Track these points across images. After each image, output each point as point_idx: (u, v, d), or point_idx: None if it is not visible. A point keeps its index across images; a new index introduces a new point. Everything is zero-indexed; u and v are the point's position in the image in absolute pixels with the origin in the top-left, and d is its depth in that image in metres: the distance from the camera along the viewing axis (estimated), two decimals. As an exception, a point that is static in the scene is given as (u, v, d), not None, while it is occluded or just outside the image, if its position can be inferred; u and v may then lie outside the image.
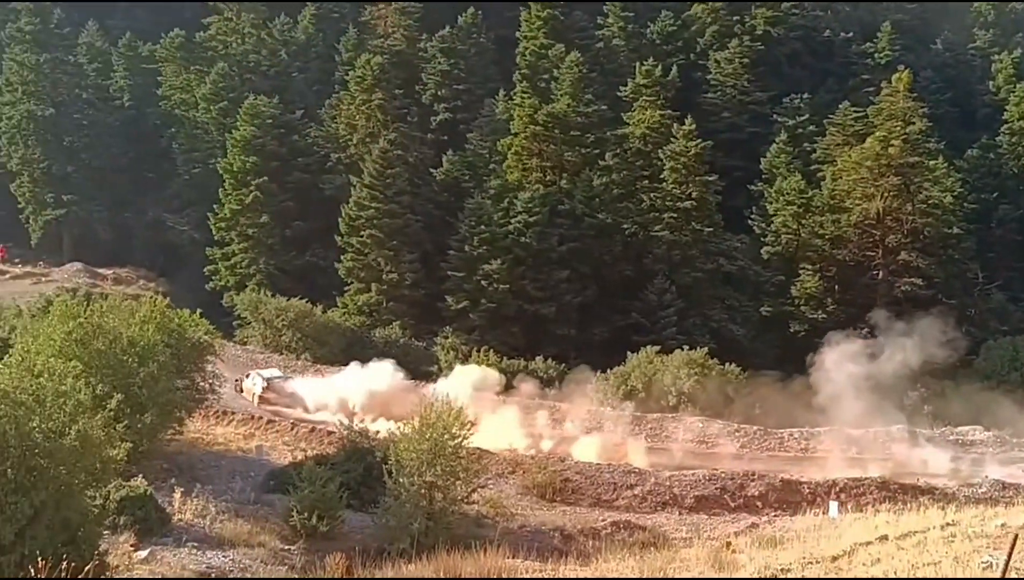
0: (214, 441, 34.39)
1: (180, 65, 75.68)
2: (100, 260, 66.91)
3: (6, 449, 12.13)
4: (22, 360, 17.75)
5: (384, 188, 58.00)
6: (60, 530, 12.42)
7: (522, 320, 53.88)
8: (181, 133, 72.46)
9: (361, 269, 57.62)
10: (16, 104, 70.99)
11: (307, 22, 79.45)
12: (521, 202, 56.36)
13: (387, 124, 64.26)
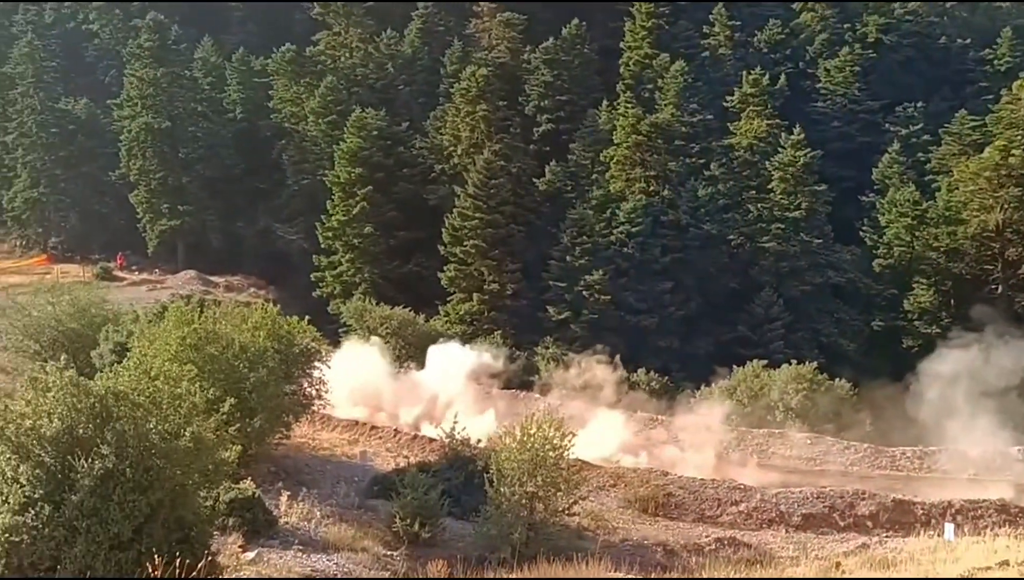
0: (319, 446, 34.90)
1: (290, 79, 77.38)
2: (212, 268, 68.84)
3: (125, 449, 12.48)
4: (140, 363, 18.33)
5: (487, 198, 58.36)
6: (174, 529, 12.72)
7: (623, 331, 53.49)
8: (291, 145, 74.08)
9: (463, 278, 58.04)
10: (135, 117, 73.55)
11: (413, 36, 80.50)
12: (624, 212, 56.08)
13: (491, 135, 64.68)
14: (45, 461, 12.60)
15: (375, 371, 42.48)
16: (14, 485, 12.48)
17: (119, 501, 12.33)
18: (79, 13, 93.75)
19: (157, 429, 13.24)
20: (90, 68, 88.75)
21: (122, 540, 12.26)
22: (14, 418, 12.97)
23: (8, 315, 39.19)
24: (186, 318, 28.62)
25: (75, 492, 12.29)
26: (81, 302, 38.34)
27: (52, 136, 76.21)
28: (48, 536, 12.14)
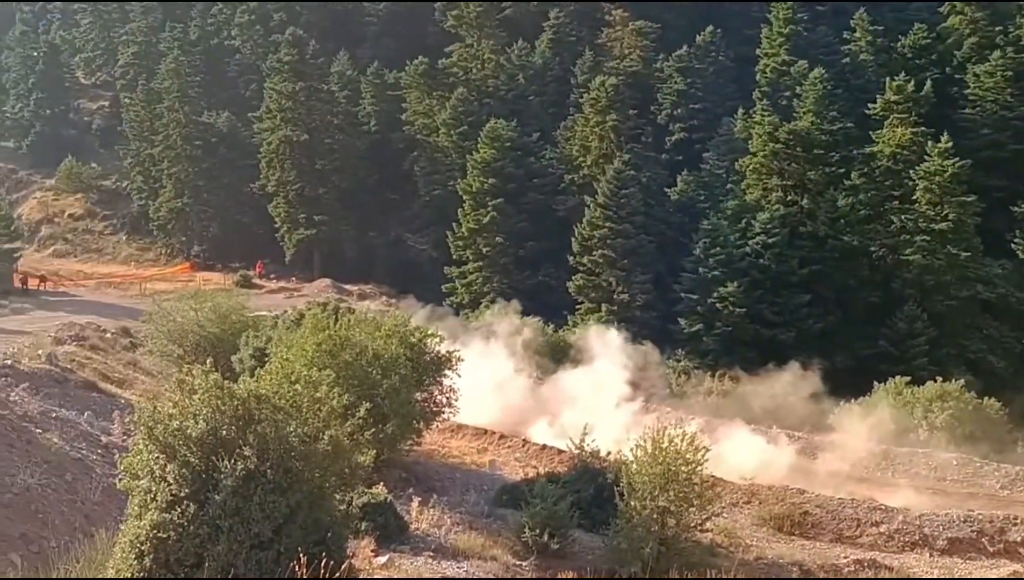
0: (449, 454, 35.05)
1: (423, 91, 78.58)
2: (346, 276, 70.31)
3: (266, 451, 12.62)
4: (281, 367, 18.68)
5: (617, 208, 57.99)
6: (312, 530, 12.79)
7: (758, 345, 52.27)
8: (422, 156, 75.18)
9: (592, 289, 57.78)
10: (275, 130, 75.79)
11: (544, 46, 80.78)
12: (760, 223, 54.88)
13: (621, 145, 64.31)
14: (191, 461, 12.84)
15: (507, 379, 42.56)
16: (161, 483, 12.76)
17: (260, 501, 12.47)
18: (222, 30, 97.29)
19: (297, 432, 13.36)
20: (232, 83, 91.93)
21: (262, 540, 12.39)
22: (162, 419, 13.25)
23: (154, 320, 40.64)
24: (321, 325, 29.14)
25: (218, 492, 12.48)
26: (222, 309, 39.49)
27: (195, 148, 79.25)
28: (193, 534, 12.36)
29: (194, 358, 30.76)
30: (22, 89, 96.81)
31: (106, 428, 26.50)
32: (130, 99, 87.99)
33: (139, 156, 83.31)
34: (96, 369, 35.51)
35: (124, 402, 30.62)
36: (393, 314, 33.67)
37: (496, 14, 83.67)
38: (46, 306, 60.19)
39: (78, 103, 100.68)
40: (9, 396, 25.64)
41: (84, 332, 42.55)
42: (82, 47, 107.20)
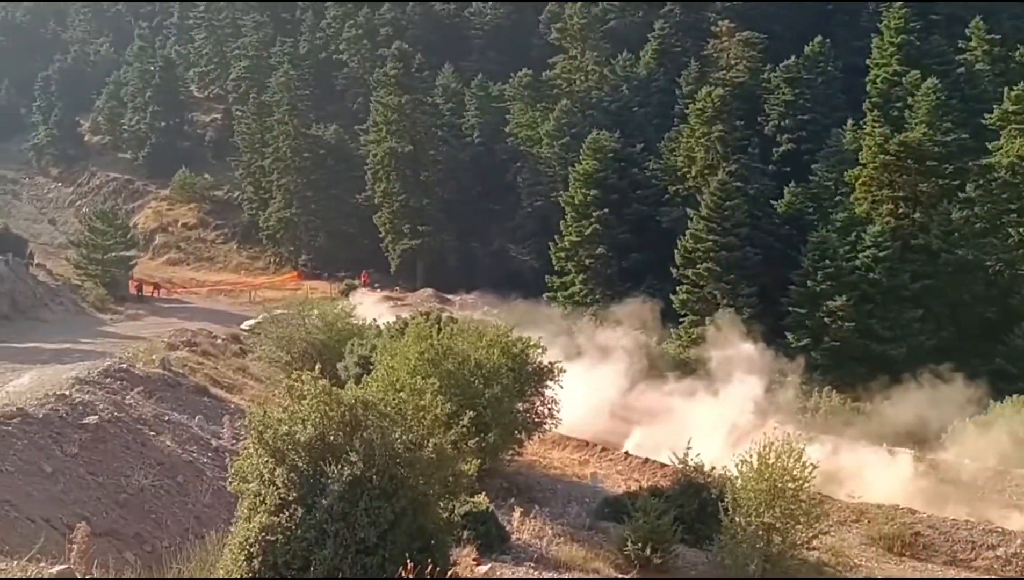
0: (550, 465, 34.95)
1: (527, 103, 78.97)
2: (449, 286, 70.87)
3: (372, 457, 12.75)
4: (386, 375, 18.90)
5: (722, 220, 57.20)
6: (417, 537, 12.85)
7: (868, 360, 50.89)
8: (525, 167, 75.44)
9: (696, 302, 57.07)
10: (380, 142, 77.03)
11: (649, 57, 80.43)
12: (870, 236, 53.52)
13: (727, 156, 63.50)
14: (299, 465, 13.04)
15: (610, 391, 42.35)
16: (271, 487, 12.97)
17: (366, 507, 12.59)
18: (330, 44, 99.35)
19: (402, 439, 13.46)
20: (339, 96, 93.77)
21: (368, 545, 12.50)
22: (272, 423, 13.48)
23: (263, 327, 41.60)
24: (424, 334, 29.39)
25: (325, 496, 12.65)
26: (328, 317, 40.19)
27: (304, 160, 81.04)
28: (300, 537, 12.54)
29: (301, 365, 31.31)
30: (139, 102, 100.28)
31: (216, 432, 27.17)
32: (241, 112, 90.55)
33: (250, 167, 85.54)
34: (207, 374, 36.45)
35: (234, 407, 31.37)
36: (496, 325, 33.66)
37: (600, 26, 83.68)
38: (159, 312, 62.18)
39: (192, 116, 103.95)
40: (125, 399, 26.49)
41: (196, 338, 43.74)
42: (196, 61, 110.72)
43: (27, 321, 50.84)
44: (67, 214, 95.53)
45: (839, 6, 79.03)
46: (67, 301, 60.19)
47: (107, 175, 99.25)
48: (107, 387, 27.30)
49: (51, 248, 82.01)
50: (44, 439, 21.09)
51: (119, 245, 69.45)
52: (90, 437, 22.10)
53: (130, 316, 59.48)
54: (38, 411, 22.18)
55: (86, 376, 27.96)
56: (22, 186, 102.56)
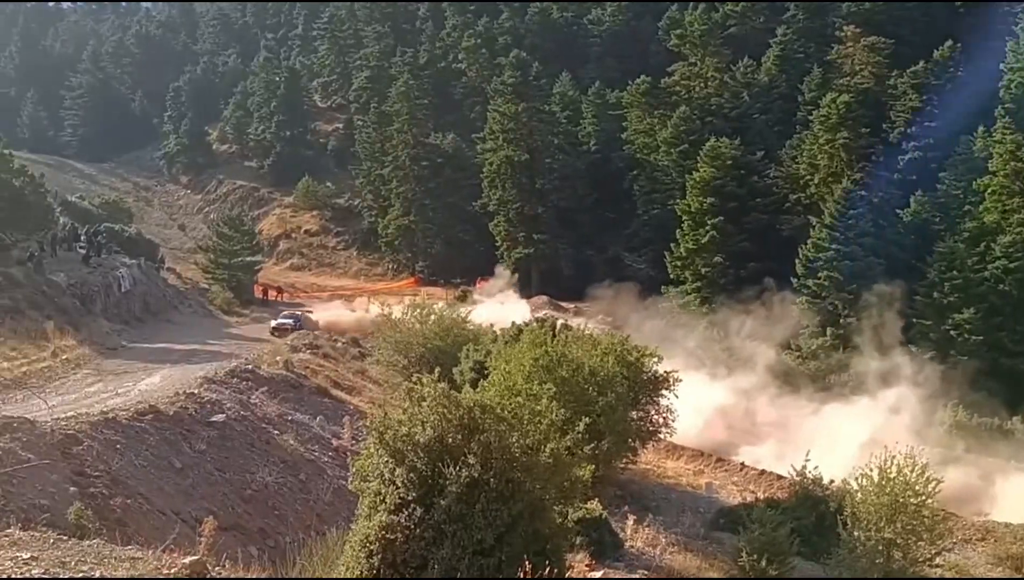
0: (664, 474, 34.77)
1: (644, 110, 78.58)
2: (563, 293, 70.94)
3: (489, 460, 12.91)
4: (503, 379, 19.11)
5: (845, 229, 55.98)
6: (532, 540, 12.95)
7: (998, 374, 49.05)
8: (642, 175, 75.05)
9: (816, 312, 55.91)
10: (497, 150, 77.67)
11: (771, 64, 79.13)
12: (1000, 246, 51.61)
13: (851, 164, 62.14)
14: (418, 466, 13.27)
15: (729, 401, 41.88)
16: (390, 486, 13.24)
17: (483, 509, 12.76)
18: (449, 54, 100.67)
19: (519, 443, 13.59)
20: (457, 105, 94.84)
21: (485, 547, 12.66)
22: (392, 425, 13.76)
23: (382, 332, 42.39)
24: (539, 340, 29.57)
25: (443, 497, 12.85)
26: (445, 322, 40.73)
27: (422, 168, 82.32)
28: (419, 536, 12.77)
29: (418, 369, 31.79)
30: (265, 112, 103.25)
31: (337, 432, 27.88)
32: (363, 121, 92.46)
33: (370, 176, 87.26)
34: (328, 376, 37.40)
35: (353, 408, 32.15)
36: (611, 332, 33.65)
37: (720, 32, 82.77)
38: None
39: (315, 125, 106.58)
40: (250, 398, 27.42)
41: (317, 341, 44.91)
42: (319, 72, 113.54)
43: (158, 322, 52.95)
44: (196, 220, 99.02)
45: (970, 8, 76.24)
46: (195, 304, 62.46)
47: (234, 183, 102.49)
48: (234, 387, 28.30)
49: (180, 253, 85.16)
50: (175, 435, 21.99)
51: (245, 250, 71.65)
52: (217, 435, 22.95)
53: (254, 319, 61.29)
54: (169, 409, 23.13)
55: (214, 376, 29.05)
56: (154, 193, 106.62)
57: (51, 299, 43.80)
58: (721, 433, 40.08)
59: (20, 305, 40.42)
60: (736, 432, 40.57)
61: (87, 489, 17.54)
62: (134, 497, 18.21)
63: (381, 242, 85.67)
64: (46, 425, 18.95)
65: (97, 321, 45.14)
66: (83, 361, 35.55)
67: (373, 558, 13.01)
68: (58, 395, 23.89)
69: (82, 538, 11.09)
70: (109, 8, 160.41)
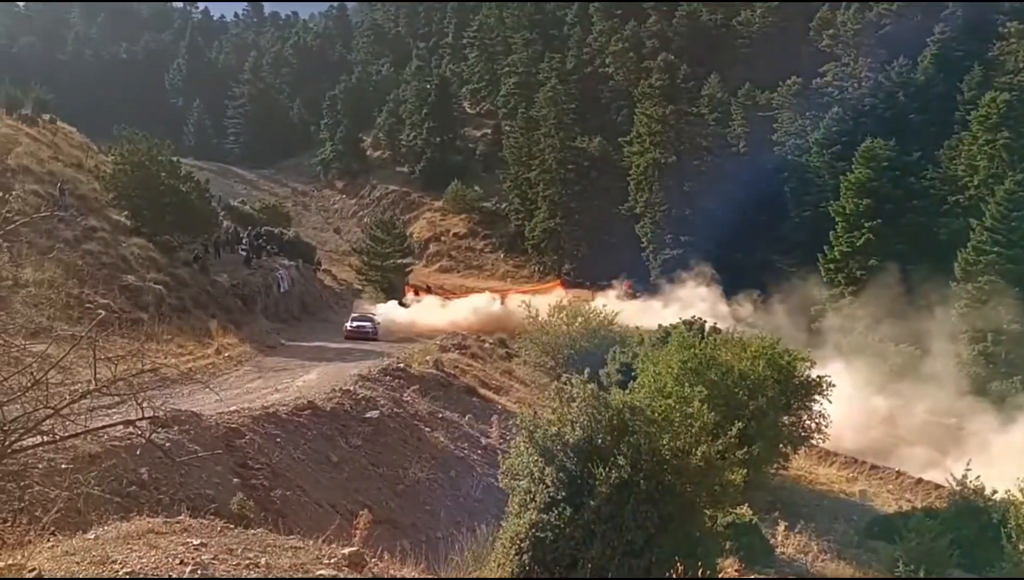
0: (816, 480, 33.95)
1: (795, 111, 76.86)
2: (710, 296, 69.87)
3: (639, 461, 12.91)
4: (654, 381, 19.03)
5: (1008, 232, 53.48)
6: (683, 543, 12.89)
7: None
8: (793, 177, 73.42)
9: (978, 318, 53.56)
10: (644, 153, 77.33)
11: (928, 63, 76.25)
12: None
13: (1013, 164, 59.21)
14: (567, 466, 13.36)
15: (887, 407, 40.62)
16: (540, 485, 13.36)
17: (633, 510, 12.76)
18: (596, 59, 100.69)
19: (669, 445, 13.54)
20: (604, 108, 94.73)
21: (635, 548, 12.67)
22: (542, 424, 13.90)
23: (529, 333, 42.77)
24: (687, 343, 29.30)
25: (593, 498, 12.90)
26: (591, 324, 40.80)
27: (569, 172, 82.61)
28: (568, 536, 12.86)
29: (564, 370, 31.96)
30: (416, 119, 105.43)
31: (485, 431, 28.29)
32: (510, 126, 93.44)
33: (517, 179, 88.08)
34: (476, 376, 37.93)
35: (501, 407, 32.52)
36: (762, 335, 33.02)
37: (875, 31, 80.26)
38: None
39: (464, 131, 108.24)
40: (402, 396, 28.10)
41: (466, 341, 45.58)
42: (469, 79, 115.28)
43: (314, 322, 54.77)
44: (350, 224, 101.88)
45: None
46: (349, 304, 64.23)
47: (386, 188, 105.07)
48: (386, 385, 29.06)
49: (336, 255, 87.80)
50: (331, 430, 22.73)
51: (397, 253, 73.40)
52: (372, 430, 23.62)
53: (405, 319, 62.49)
54: (326, 405, 23.92)
55: (368, 374, 29.88)
56: (311, 198, 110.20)
57: (215, 299, 45.81)
58: (876, 439, 38.86)
59: (186, 304, 42.39)
60: (891, 438, 39.28)
61: (249, 481, 18.31)
62: (293, 489, 18.92)
63: (527, 245, 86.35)
64: (211, 418, 19.85)
65: (257, 320, 47.04)
66: (244, 358, 37.03)
67: (523, 555, 13.16)
68: (221, 390, 25.01)
69: (246, 527, 11.58)
70: (269, 21, 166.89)
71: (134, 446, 16.29)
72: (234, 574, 8.28)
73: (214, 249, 53.93)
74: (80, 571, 7.68)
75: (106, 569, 7.80)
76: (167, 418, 15.23)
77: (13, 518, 9.24)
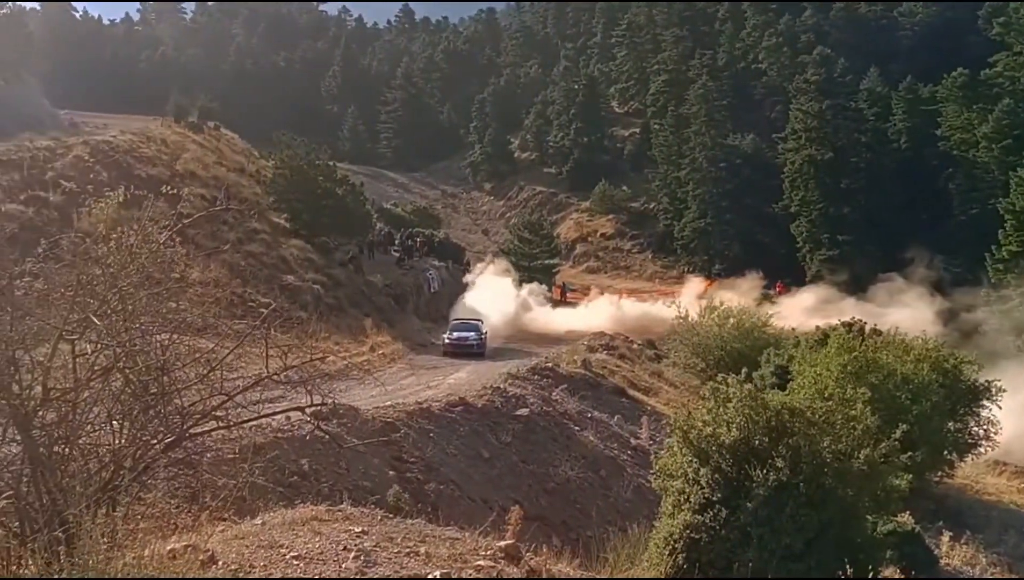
0: (984, 490, 32.38)
1: (961, 104, 73.69)
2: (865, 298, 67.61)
3: (798, 464, 12.54)
4: (813, 383, 18.51)
5: None
6: (844, 549, 12.45)
7: None
8: (959, 173, 70.49)
9: None
10: (799, 150, 75.51)
11: (1109, 49, 71.94)
12: None
13: None
14: (723, 467, 13.11)
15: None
16: (695, 486, 13.16)
17: (791, 514, 12.40)
18: (749, 54, 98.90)
19: (830, 448, 13.13)
20: (757, 105, 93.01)
21: (794, 552, 12.31)
22: (696, 424, 13.70)
23: (679, 334, 42.24)
24: (848, 345, 28.41)
25: (750, 500, 12.61)
26: (744, 325, 40.00)
27: (720, 170, 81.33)
28: (724, 538, 12.61)
29: (715, 372, 31.43)
30: (563, 120, 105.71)
31: (634, 432, 28.09)
32: (659, 125, 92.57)
33: (666, 179, 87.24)
34: (624, 376, 37.75)
35: (650, 409, 32.25)
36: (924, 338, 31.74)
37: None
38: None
39: (612, 131, 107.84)
40: (551, 395, 28.20)
41: (614, 342, 45.40)
42: (617, 78, 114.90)
43: (464, 322, 55.37)
44: (498, 225, 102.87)
45: None
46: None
47: (533, 189, 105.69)
48: (535, 383, 29.23)
49: (484, 256, 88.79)
50: (483, 427, 23.00)
51: (544, 253, 73.68)
52: (522, 428, 23.77)
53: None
54: (477, 401, 24.23)
55: (517, 372, 30.12)
56: (460, 200, 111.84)
57: (369, 298, 47.02)
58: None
59: (342, 303, 43.66)
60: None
61: (404, 474, 18.69)
62: (446, 483, 19.21)
63: (676, 245, 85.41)
64: (368, 412, 20.37)
65: (409, 319, 48.05)
66: (397, 356, 37.90)
67: (677, 556, 12.96)
68: (376, 386, 25.63)
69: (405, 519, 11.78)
70: (420, 26, 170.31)
71: (296, 437, 16.88)
72: (395, 562, 8.43)
73: (368, 250, 55.33)
74: (250, 554, 7.96)
75: (274, 553, 8.08)
76: (329, 410, 15.67)
77: (190, 503, 9.70)
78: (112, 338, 7.80)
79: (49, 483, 7.47)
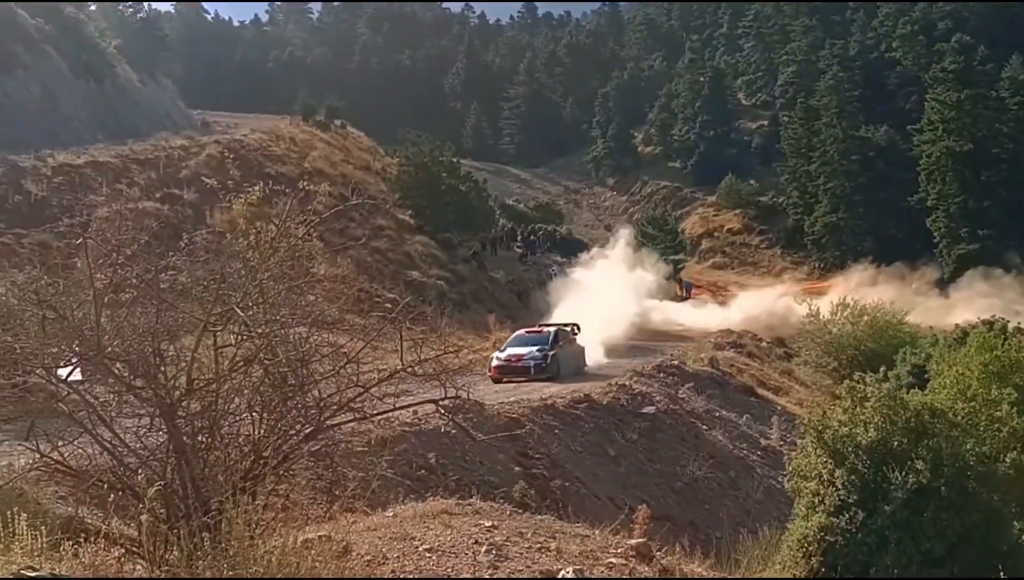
0: None
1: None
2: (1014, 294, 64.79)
3: (940, 467, 12.08)
4: (955, 382, 17.76)
5: None
6: (988, 555, 11.96)
7: None
8: None
9: None
10: (936, 142, 72.83)
11: None
12: None
13: None
14: (859, 468, 12.75)
15: None
16: (830, 487, 12.83)
17: (932, 518, 11.97)
18: (882, 43, 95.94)
19: (974, 450, 12.61)
20: (891, 95, 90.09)
21: (934, 557, 11.89)
22: (831, 424, 13.36)
23: (809, 333, 41.25)
24: (989, 344, 27.22)
25: (888, 502, 12.21)
26: (879, 323, 38.81)
27: (852, 163, 79.06)
28: (860, 541, 12.25)
29: (848, 371, 30.58)
30: (689, 113, 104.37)
31: (764, 432, 27.53)
32: (788, 117, 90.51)
33: (795, 172, 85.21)
34: (753, 375, 37.02)
35: (780, 409, 31.53)
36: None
37: None
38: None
39: (739, 124, 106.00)
40: (677, 393, 27.85)
41: (741, 340, 44.60)
42: (744, 70, 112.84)
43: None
44: (621, 220, 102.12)
45: None
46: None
47: (657, 183, 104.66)
48: (661, 381, 28.91)
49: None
50: (608, 424, 22.88)
51: (668, 249, 72.83)
52: (648, 426, 23.55)
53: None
54: (602, 398, 24.11)
55: (642, 369, 29.85)
56: (582, 195, 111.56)
57: (491, 294, 47.38)
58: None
59: (466, 299, 44.11)
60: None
61: (529, 470, 18.74)
62: (571, 480, 19.17)
63: (807, 240, 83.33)
64: (493, 408, 20.48)
65: (532, 315, 48.09)
66: (521, 351, 37.89)
67: (811, 559, 12.65)
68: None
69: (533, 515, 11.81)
70: (543, 21, 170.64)
71: (423, 431, 17.10)
72: (527, 557, 8.44)
73: (491, 246, 55.76)
74: (383, 546, 8.08)
75: (407, 545, 8.19)
76: (455, 405, 15.81)
77: (325, 495, 9.92)
78: (253, 330, 8.01)
79: (193, 471, 7.71)
